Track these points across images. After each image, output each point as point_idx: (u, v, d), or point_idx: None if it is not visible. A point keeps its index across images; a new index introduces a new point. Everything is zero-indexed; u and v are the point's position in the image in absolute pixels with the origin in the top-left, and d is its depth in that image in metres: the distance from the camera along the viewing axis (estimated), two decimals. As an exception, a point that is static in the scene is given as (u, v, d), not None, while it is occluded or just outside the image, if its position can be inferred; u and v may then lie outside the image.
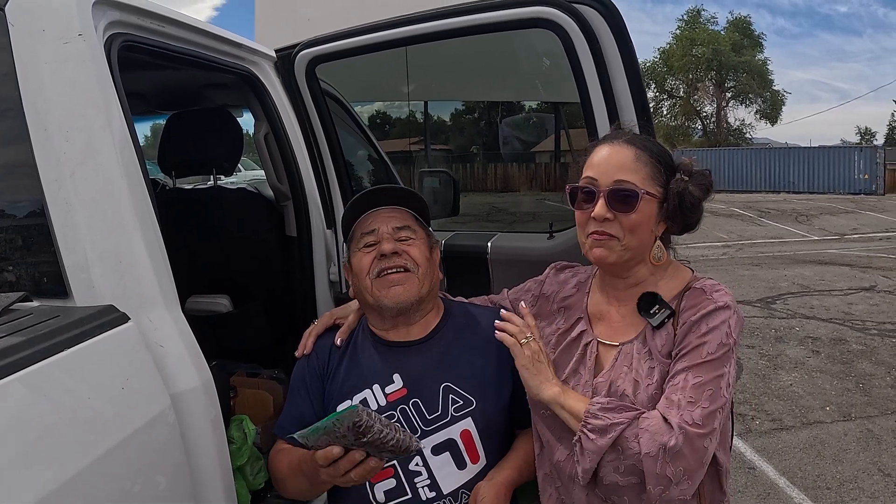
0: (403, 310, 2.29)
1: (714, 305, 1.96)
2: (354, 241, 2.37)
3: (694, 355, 1.92)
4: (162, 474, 1.82)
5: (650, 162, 2.03)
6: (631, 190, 1.98)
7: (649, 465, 1.84)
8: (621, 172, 2.00)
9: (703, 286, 2.03)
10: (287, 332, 3.56)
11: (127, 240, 1.96)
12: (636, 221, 1.99)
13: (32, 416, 1.49)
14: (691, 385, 1.89)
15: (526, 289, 2.44)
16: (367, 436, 1.77)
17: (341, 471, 1.87)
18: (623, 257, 2.03)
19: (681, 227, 2.10)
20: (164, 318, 1.98)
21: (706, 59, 57.56)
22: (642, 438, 1.86)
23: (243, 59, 3.08)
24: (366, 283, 2.29)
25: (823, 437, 6.30)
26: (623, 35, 2.54)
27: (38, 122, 1.91)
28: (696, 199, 2.03)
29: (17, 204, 2.01)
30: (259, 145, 3.24)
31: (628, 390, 1.98)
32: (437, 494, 2.18)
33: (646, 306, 2.06)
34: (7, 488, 1.37)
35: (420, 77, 4.32)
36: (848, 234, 21.04)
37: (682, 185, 2.02)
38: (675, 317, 2.01)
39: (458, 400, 2.23)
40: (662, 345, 2.00)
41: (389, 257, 2.27)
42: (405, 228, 2.34)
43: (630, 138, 2.10)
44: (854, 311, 10.85)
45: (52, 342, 1.60)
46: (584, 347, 2.15)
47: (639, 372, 2.00)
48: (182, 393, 1.90)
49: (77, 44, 1.99)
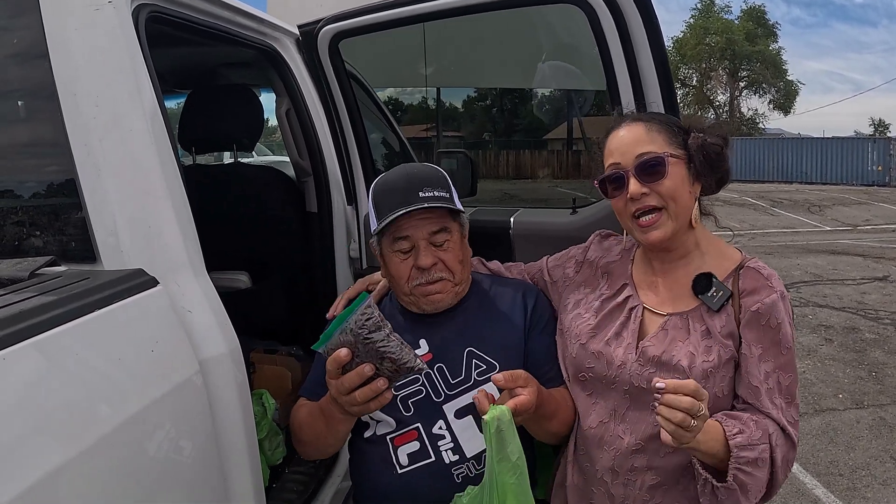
0: (441, 310, 2.31)
1: (775, 293, 2.00)
2: (387, 237, 2.29)
3: (775, 350, 1.99)
4: (189, 439, 1.83)
5: (662, 129, 2.06)
6: (655, 157, 2.00)
7: (780, 476, 1.96)
8: (640, 146, 2.03)
9: (756, 267, 2.06)
10: (306, 308, 3.58)
11: (155, 205, 1.96)
12: (672, 186, 2.00)
13: (63, 376, 1.50)
14: (786, 388, 1.99)
15: (570, 255, 2.44)
16: (373, 333, 1.82)
17: (347, 384, 1.89)
18: (676, 228, 2.04)
19: (714, 182, 2.12)
20: (192, 284, 1.98)
21: (720, 48, 57.20)
22: (777, 449, 1.93)
23: (265, 35, 3.08)
24: (404, 287, 2.29)
25: (836, 424, 6.28)
26: (649, 13, 2.52)
27: (67, 88, 1.92)
28: (719, 146, 2.05)
29: (47, 169, 2.02)
30: (281, 121, 3.25)
31: (683, 362, 1.99)
32: (460, 458, 2.18)
33: (702, 288, 2.06)
34: (41, 445, 1.38)
35: (436, 61, 4.31)
36: (861, 225, 20.93)
37: (700, 139, 2.04)
38: (732, 297, 2.03)
39: (481, 364, 2.25)
40: (722, 326, 2.01)
41: (428, 271, 2.25)
42: (441, 232, 2.27)
43: (635, 116, 2.14)
44: (867, 300, 10.81)
45: (82, 303, 1.61)
46: (629, 311, 2.16)
47: (696, 347, 2.01)
48: (210, 359, 1.91)
49: (106, 11, 2.00)
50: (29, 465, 1.35)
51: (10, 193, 2.07)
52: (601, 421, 2.11)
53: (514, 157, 29.47)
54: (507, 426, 1.83)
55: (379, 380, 1.89)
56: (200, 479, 1.89)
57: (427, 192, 2.23)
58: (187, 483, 1.84)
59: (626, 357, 2.07)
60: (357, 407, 1.95)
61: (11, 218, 2.01)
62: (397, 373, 1.91)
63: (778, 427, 1.94)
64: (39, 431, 1.40)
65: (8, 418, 1.35)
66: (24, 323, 1.45)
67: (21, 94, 2.06)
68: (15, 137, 2.05)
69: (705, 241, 2.14)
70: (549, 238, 2.57)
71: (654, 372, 2.00)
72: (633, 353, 2.07)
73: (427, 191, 2.24)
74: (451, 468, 2.18)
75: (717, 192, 2.16)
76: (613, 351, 2.10)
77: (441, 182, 2.31)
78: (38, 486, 1.35)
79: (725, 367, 1.99)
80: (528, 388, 1.95)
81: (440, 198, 2.24)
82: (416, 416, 2.19)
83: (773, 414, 1.94)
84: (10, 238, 1.98)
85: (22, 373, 1.41)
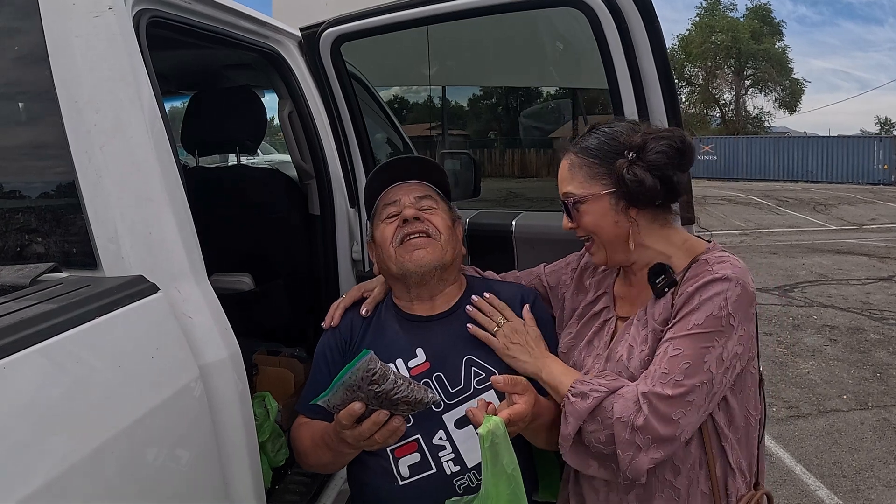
0: (427, 275, 2.28)
1: (710, 276, 1.93)
2: (377, 214, 2.39)
3: (680, 327, 1.92)
4: (189, 445, 1.83)
5: (584, 163, 2.06)
6: (566, 199, 2.08)
7: (619, 429, 1.88)
8: (563, 185, 2.11)
9: (708, 258, 2.00)
10: (309, 310, 3.58)
11: (156, 212, 1.96)
12: (591, 223, 2.06)
13: (64, 383, 1.50)
14: (669, 357, 1.90)
15: (567, 262, 2.46)
16: (381, 384, 1.81)
17: (366, 433, 1.90)
18: (609, 254, 2.10)
19: (663, 200, 2.03)
20: (193, 289, 1.98)
21: (725, 46, 57.18)
22: (616, 404, 1.90)
23: (268, 38, 3.08)
24: (389, 251, 2.30)
25: (840, 425, 6.29)
26: (651, 16, 2.51)
27: (68, 94, 1.92)
28: (656, 165, 1.96)
29: (48, 176, 2.02)
30: (283, 124, 3.25)
31: (623, 355, 2.02)
32: (461, 468, 2.17)
33: (653, 277, 2.07)
34: (39, 454, 1.38)
35: (440, 61, 4.32)
36: (866, 225, 20.91)
37: (624, 165, 1.97)
38: (676, 286, 2.00)
39: (480, 372, 2.23)
40: (659, 313, 2.01)
41: (412, 222, 2.28)
42: (426, 198, 2.37)
43: (573, 145, 2.12)
44: (872, 300, 10.80)
45: (83, 310, 1.61)
46: (602, 322, 2.20)
47: (635, 338, 2.03)
48: (210, 364, 1.91)
49: (107, 17, 1.99)
50: (31, 471, 1.35)
51: (13, 199, 2.07)
52: None
53: (520, 156, 29.41)
54: (502, 438, 1.84)
55: (394, 419, 1.91)
56: (201, 485, 1.89)
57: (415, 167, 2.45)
58: (188, 488, 1.84)
59: (592, 365, 2.11)
60: (376, 446, 1.98)
61: (13, 224, 2.01)
62: (412, 411, 1.93)
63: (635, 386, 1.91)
64: (41, 439, 1.40)
65: (10, 426, 1.35)
66: (26, 331, 1.45)
67: (22, 100, 2.07)
68: (16, 143, 2.06)
69: (672, 247, 2.09)
70: (551, 242, 2.57)
71: (604, 371, 2.05)
72: (600, 363, 2.09)
73: (415, 166, 2.46)
74: (452, 479, 2.17)
75: (674, 203, 2.10)
76: (583, 359, 2.15)
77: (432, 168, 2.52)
78: (41, 493, 1.35)
79: None
80: (525, 398, 1.96)
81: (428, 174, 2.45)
82: (415, 426, 2.17)
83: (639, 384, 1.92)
84: (12, 244, 1.98)
85: (23, 380, 1.41)
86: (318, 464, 2.32)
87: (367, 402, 1.86)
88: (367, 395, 1.84)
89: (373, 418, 1.88)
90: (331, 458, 2.21)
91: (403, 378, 1.87)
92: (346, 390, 1.83)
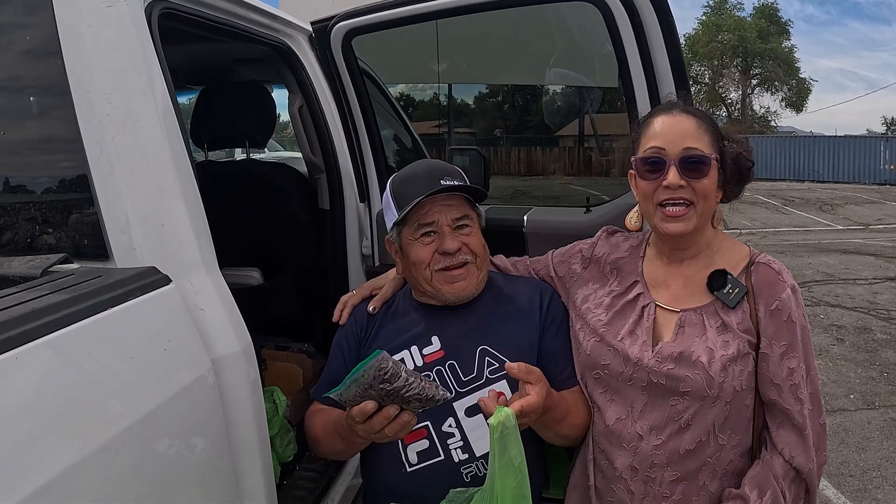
0: (463, 300, 2.31)
1: (789, 288, 2.03)
2: (409, 226, 2.30)
3: (797, 347, 2.01)
4: (201, 437, 1.82)
5: (710, 129, 2.07)
6: (702, 156, 2.02)
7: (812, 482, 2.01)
8: (689, 140, 2.03)
9: (767, 262, 2.08)
10: (318, 306, 3.58)
11: (168, 204, 1.95)
12: (708, 187, 2.02)
13: (75, 374, 1.50)
14: (810, 381, 2.02)
15: (576, 250, 2.44)
16: (393, 383, 1.81)
17: (376, 427, 1.90)
18: (698, 225, 2.06)
19: (735, 192, 2.17)
20: (205, 282, 1.98)
21: (732, 45, 57.10)
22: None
23: (278, 31, 3.08)
24: (425, 273, 2.29)
25: (847, 424, 6.25)
26: (665, 11, 2.50)
27: (80, 85, 1.91)
28: (750, 163, 2.13)
29: (59, 166, 2.01)
30: (294, 118, 3.25)
31: (703, 358, 2.00)
32: (469, 456, 2.18)
33: (718, 285, 2.07)
34: (51, 445, 1.38)
35: (449, 57, 4.30)
36: (873, 225, 20.83)
37: (735, 149, 2.09)
38: (747, 294, 2.04)
39: (493, 363, 2.24)
40: (739, 322, 2.03)
41: (453, 255, 2.26)
42: (464, 217, 2.30)
43: (685, 108, 2.13)
44: (879, 300, 10.76)
45: (94, 301, 1.60)
46: (641, 310, 2.16)
47: (714, 342, 2.02)
48: (222, 357, 1.90)
49: (119, 7, 1.99)
50: (42, 463, 1.34)
51: (24, 190, 2.07)
52: (618, 418, 2.10)
53: (526, 154, 29.42)
54: (512, 430, 1.83)
55: (404, 414, 1.91)
56: (212, 477, 1.89)
57: (448, 181, 2.27)
58: (199, 481, 1.83)
59: (641, 354, 2.07)
60: (386, 439, 1.98)
61: (25, 215, 2.00)
62: (423, 407, 1.93)
63: (787, 465, 1.99)
64: (52, 430, 1.40)
65: (22, 417, 1.34)
66: (37, 321, 1.45)
67: (34, 92, 2.06)
68: (28, 135, 2.05)
69: (716, 239, 2.16)
70: (563, 237, 2.55)
71: (672, 368, 2.01)
72: (649, 351, 2.07)
73: (448, 179, 2.28)
74: (459, 467, 2.18)
75: (728, 202, 2.21)
76: (629, 348, 2.10)
77: (460, 175, 2.36)
78: (52, 485, 1.34)
79: (743, 361, 1.99)
80: (537, 388, 1.94)
81: (462, 186, 2.29)
82: (425, 413, 2.17)
83: (793, 414, 1.99)
84: (24, 235, 1.98)
85: (35, 371, 1.41)
86: (331, 451, 2.35)
87: (379, 398, 1.87)
88: (379, 392, 1.84)
89: (383, 413, 1.88)
90: (343, 446, 2.23)
91: (415, 376, 1.87)
92: (359, 387, 1.84)
